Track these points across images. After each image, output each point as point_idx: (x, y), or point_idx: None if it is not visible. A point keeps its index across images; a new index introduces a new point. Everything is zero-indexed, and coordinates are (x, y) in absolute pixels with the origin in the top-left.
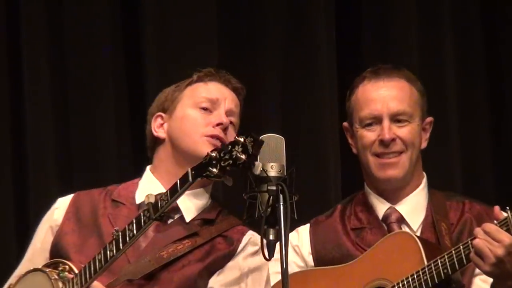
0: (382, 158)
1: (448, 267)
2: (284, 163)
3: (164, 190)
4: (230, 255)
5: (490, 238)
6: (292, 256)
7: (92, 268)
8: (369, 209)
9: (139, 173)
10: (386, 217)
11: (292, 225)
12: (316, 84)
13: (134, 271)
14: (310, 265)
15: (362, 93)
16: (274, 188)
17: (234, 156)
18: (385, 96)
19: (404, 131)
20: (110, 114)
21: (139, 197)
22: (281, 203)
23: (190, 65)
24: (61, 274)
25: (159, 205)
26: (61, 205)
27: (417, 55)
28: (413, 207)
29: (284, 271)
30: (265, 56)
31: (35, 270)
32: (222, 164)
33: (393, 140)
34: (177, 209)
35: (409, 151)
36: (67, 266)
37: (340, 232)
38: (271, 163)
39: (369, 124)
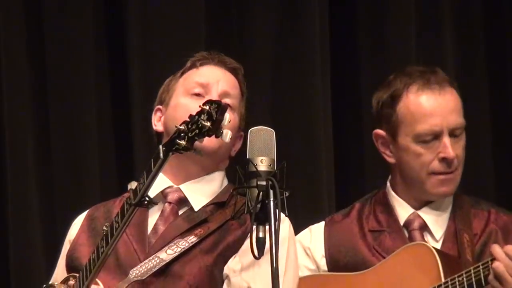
0: (441, 175)
1: (466, 287)
2: (274, 157)
3: (172, 185)
4: (243, 236)
5: (511, 262)
6: (302, 259)
7: (88, 270)
8: (390, 212)
9: (122, 180)
10: (408, 223)
11: None
12: (308, 75)
13: (142, 271)
14: (322, 269)
15: (416, 105)
16: (264, 183)
17: (199, 125)
18: (443, 110)
19: (459, 148)
20: (92, 121)
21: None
22: (271, 199)
23: (176, 58)
24: None
25: (138, 189)
26: (78, 220)
27: (415, 49)
28: (437, 214)
29: (275, 270)
30: (255, 47)
31: (46, 287)
32: (190, 135)
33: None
34: (185, 200)
35: (460, 167)
36: (77, 278)
37: (357, 235)
38: (261, 157)
39: (426, 141)
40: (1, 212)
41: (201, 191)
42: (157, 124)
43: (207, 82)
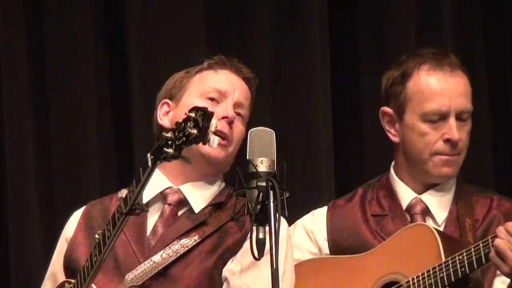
0: (444, 156)
1: (466, 266)
2: (274, 158)
3: (172, 185)
4: (242, 239)
5: None
6: (305, 243)
7: (82, 278)
8: (393, 196)
9: (122, 180)
10: (410, 207)
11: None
12: (308, 75)
13: (138, 275)
14: (324, 253)
15: (426, 84)
16: (264, 184)
17: (186, 133)
18: (452, 92)
19: (464, 132)
20: (92, 121)
21: (147, 196)
22: (271, 200)
23: (176, 57)
24: None
25: (128, 198)
26: (74, 218)
27: (415, 49)
28: (440, 199)
29: (275, 271)
30: (255, 47)
31: None
32: (177, 143)
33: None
34: (185, 201)
35: (464, 152)
36: (72, 285)
37: (359, 219)
38: (261, 158)
39: (433, 120)
40: (1, 212)
41: (201, 193)
42: (163, 118)
43: (224, 89)
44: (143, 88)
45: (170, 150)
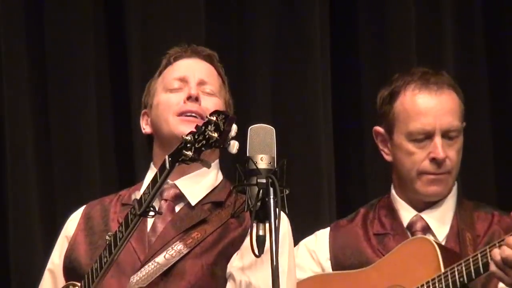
0: (430, 175)
1: (464, 276)
2: (274, 155)
3: (167, 181)
4: (243, 234)
5: None
6: (308, 262)
7: (90, 279)
8: (394, 215)
9: (122, 180)
10: (411, 225)
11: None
12: (309, 72)
13: (143, 277)
14: (327, 271)
15: (411, 104)
16: (264, 181)
17: (207, 136)
18: (438, 110)
19: (453, 150)
20: (92, 121)
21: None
22: (271, 197)
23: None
24: None
25: (143, 199)
26: (74, 217)
27: (415, 42)
28: (440, 216)
29: (275, 267)
30: (255, 46)
31: None
32: (197, 146)
33: (445, 158)
34: (181, 196)
35: (454, 170)
36: None
37: (361, 238)
38: (261, 154)
39: (419, 140)
40: (1, 212)
41: (197, 185)
42: (146, 127)
43: (183, 75)
44: (143, 88)
45: (189, 153)
